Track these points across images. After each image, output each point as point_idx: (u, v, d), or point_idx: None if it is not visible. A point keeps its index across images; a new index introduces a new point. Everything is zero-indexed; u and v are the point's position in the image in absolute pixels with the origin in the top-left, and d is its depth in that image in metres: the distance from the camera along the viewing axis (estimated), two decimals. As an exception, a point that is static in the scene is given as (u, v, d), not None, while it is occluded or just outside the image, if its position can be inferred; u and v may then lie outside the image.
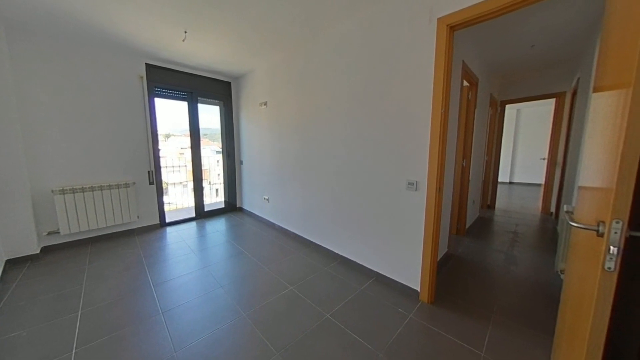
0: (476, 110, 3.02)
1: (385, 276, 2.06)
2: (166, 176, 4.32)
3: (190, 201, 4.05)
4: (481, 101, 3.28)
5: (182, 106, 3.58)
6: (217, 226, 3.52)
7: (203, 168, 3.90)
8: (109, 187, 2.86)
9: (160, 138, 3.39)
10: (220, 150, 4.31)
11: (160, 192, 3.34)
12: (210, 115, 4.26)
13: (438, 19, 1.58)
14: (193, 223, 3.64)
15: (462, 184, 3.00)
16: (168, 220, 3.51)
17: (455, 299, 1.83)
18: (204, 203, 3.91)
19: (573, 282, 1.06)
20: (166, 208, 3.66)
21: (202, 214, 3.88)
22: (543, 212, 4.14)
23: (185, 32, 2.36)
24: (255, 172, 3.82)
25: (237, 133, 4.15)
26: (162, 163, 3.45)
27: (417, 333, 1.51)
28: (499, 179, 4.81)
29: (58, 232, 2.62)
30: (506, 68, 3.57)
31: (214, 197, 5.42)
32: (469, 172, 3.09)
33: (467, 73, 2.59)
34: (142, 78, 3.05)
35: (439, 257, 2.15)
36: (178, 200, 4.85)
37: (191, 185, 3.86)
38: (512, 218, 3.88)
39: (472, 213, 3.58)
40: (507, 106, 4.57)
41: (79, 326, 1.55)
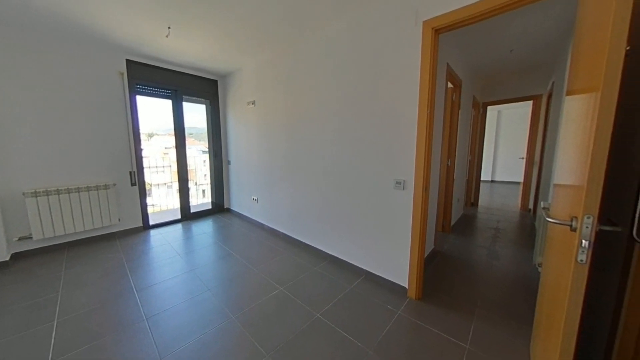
0: (460, 111, 3.13)
1: (374, 274, 2.09)
2: (149, 177, 4.16)
3: (175, 203, 3.93)
4: (464, 102, 3.40)
5: (166, 104, 3.46)
6: (204, 228, 3.43)
7: (189, 168, 3.79)
8: (87, 189, 2.72)
9: (142, 137, 3.26)
10: (206, 150, 4.20)
11: (143, 194, 3.22)
12: (196, 114, 4.15)
13: (423, 22, 1.61)
14: (178, 225, 3.53)
15: (447, 183, 3.09)
16: (152, 222, 3.39)
17: (441, 295, 1.88)
18: (190, 204, 3.80)
19: (549, 275, 1.12)
20: (150, 210, 3.52)
21: (188, 216, 3.77)
22: (522, 209, 4.35)
23: (168, 28, 2.28)
24: (243, 172, 3.75)
25: (225, 132, 4.07)
26: (145, 163, 3.32)
27: (406, 329, 1.55)
28: (482, 178, 5.00)
29: (30, 238, 2.46)
30: (488, 71, 3.72)
31: (201, 198, 5.28)
32: (454, 171, 3.19)
33: (451, 75, 2.67)
34: (123, 74, 2.92)
35: (426, 254, 2.21)
36: (162, 201, 4.69)
37: (176, 186, 3.74)
38: (494, 215, 4.05)
39: (457, 211, 3.70)
40: (489, 107, 4.76)
41: (55, 336, 1.47)
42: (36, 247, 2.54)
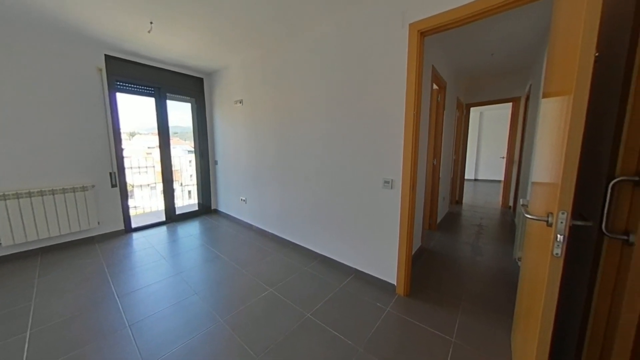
0: (445, 112, 3.22)
1: (363, 272, 2.12)
2: (131, 178, 4.00)
3: (159, 204, 3.79)
4: (449, 103, 3.50)
5: (149, 102, 3.33)
6: (191, 230, 3.34)
7: (174, 169, 3.67)
8: (63, 191, 2.57)
9: (123, 137, 3.12)
10: (192, 149, 4.09)
11: (124, 195, 3.08)
12: (180, 112, 4.02)
13: (410, 25, 1.65)
14: (163, 227, 3.41)
15: (434, 182, 3.18)
16: (134, 225, 3.25)
17: (428, 291, 1.94)
18: (175, 206, 3.68)
19: (528, 268, 1.18)
20: (132, 212, 3.38)
21: (174, 218, 3.65)
22: (503, 206, 4.54)
23: (151, 23, 2.20)
24: (231, 173, 3.68)
25: (211, 132, 3.97)
26: (127, 164, 3.19)
27: (395, 325, 1.58)
28: (466, 177, 5.19)
29: (-1, 244, 2.30)
30: (470, 73, 3.86)
31: (187, 200, 5.13)
32: (439, 171, 3.29)
33: (437, 77, 2.75)
34: (101, 70, 2.79)
35: (414, 252, 2.26)
36: (146, 203, 4.51)
37: (160, 187, 3.61)
38: (477, 212, 4.21)
39: (443, 209, 3.82)
40: (472, 109, 4.94)
41: (28, 348, 1.38)
42: (6, 254, 2.37)
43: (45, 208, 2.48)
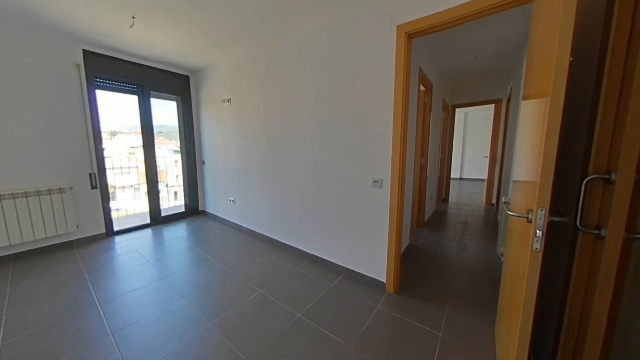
0: (431, 112, 3.30)
1: (354, 271, 2.14)
2: (113, 179, 3.84)
3: (144, 206, 3.65)
4: (435, 104, 3.60)
5: (132, 100, 3.20)
6: (177, 232, 3.24)
7: (159, 169, 3.55)
8: (37, 194, 2.42)
9: (104, 136, 2.99)
10: (178, 149, 3.97)
11: (105, 197, 2.95)
12: (165, 111, 3.89)
13: (397, 26, 1.68)
14: (148, 230, 3.29)
15: (421, 181, 3.25)
16: (117, 228, 3.12)
17: (417, 287, 1.98)
18: (161, 207, 3.57)
19: (510, 263, 1.23)
20: (114, 215, 3.25)
21: (159, 220, 3.53)
22: (487, 204, 4.72)
23: (133, 18, 2.11)
24: (219, 173, 3.61)
25: (198, 131, 3.87)
26: (108, 164, 3.05)
27: (385, 322, 1.60)
28: (451, 176, 5.34)
29: (-35, 251, 2.14)
30: (455, 75, 3.97)
31: (173, 201, 4.97)
32: (427, 170, 3.37)
33: (423, 78, 2.81)
34: (79, 66, 2.65)
35: (402, 249, 2.31)
36: (129, 205, 4.33)
37: (145, 188, 3.48)
38: (463, 210, 4.34)
39: (430, 207, 3.92)
40: (457, 110, 5.10)
41: (0, 361, 1.29)
42: (-27, 262, 2.21)
43: (17, 212, 2.33)
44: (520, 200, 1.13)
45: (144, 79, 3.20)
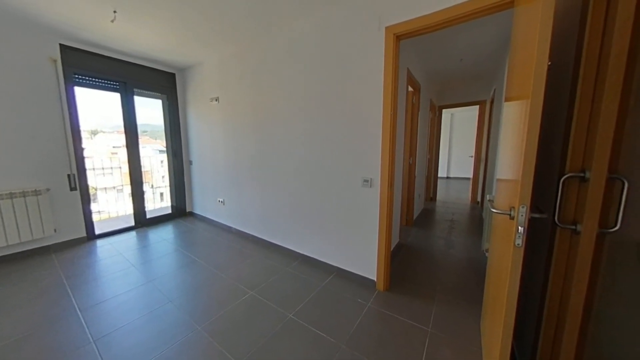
0: (419, 113, 3.37)
1: (345, 270, 2.15)
2: (94, 180, 3.67)
3: (127, 208, 3.52)
4: (423, 105, 3.68)
5: (114, 98, 3.08)
6: (163, 234, 3.15)
7: (143, 169, 3.44)
8: (10, 196, 2.28)
9: (84, 135, 2.85)
10: (164, 149, 3.85)
11: (86, 199, 2.82)
12: (150, 109, 3.77)
13: (386, 28, 1.70)
14: (132, 233, 3.18)
15: (410, 180, 3.32)
16: (98, 231, 2.99)
17: (406, 284, 2.02)
18: (146, 209, 3.45)
19: (495, 258, 1.28)
20: (96, 217, 3.11)
21: (144, 222, 3.41)
22: (472, 202, 4.88)
23: (114, 12, 2.03)
24: (207, 173, 3.53)
25: (185, 130, 3.77)
26: (88, 164, 2.92)
27: (375, 320, 1.62)
28: (439, 175, 5.48)
29: None
30: (442, 77, 4.08)
31: (158, 202, 4.82)
32: (415, 169, 3.44)
33: (411, 79, 2.87)
34: (56, 61, 2.52)
35: (392, 247, 2.34)
36: (111, 207, 4.17)
37: (128, 189, 3.36)
38: (450, 208, 4.47)
39: (418, 205, 4.00)
40: (444, 110, 5.23)
41: (-31, 376, 1.21)
42: (-63, 270, 2.06)
43: (-12, 215, 2.19)
44: (503, 198, 1.17)
45: (127, 76, 3.08)
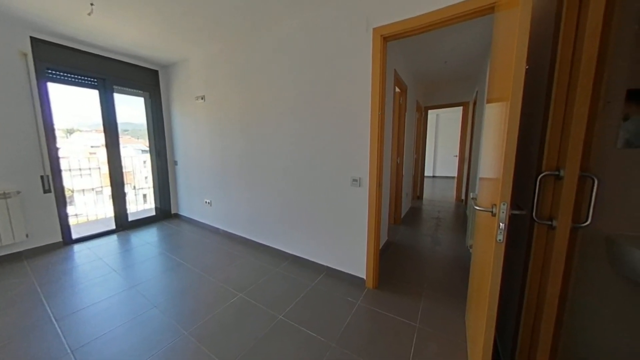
0: (406, 113, 3.45)
1: (334, 269, 2.16)
2: (71, 181, 3.48)
3: (108, 211, 3.36)
4: (410, 106, 3.76)
5: (92, 95, 2.93)
6: (147, 237, 3.03)
7: (125, 170, 3.29)
8: (-24, 199, 2.12)
9: (59, 134, 2.69)
10: (147, 149, 3.70)
11: (61, 202, 2.67)
12: (132, 107, 3.61)
13: (373, 29, 1.73)
14: (113, 236, 3.04)
15: (397, 179, 3.38)
16: (76, 236, 2.84)
17: (395, 281, 2.06)
18: (128, 212, 3.31)
19: (478, 254, 1.33)
20: (73, 221, 2.96)
21: (126, 225, 3.27)
22: (457, 200, 5.04)
23: (91, 5, 1.93)
24: (193, 174, 3.44)
25: (169, 129, 3.65)
26: (64, 165, 2.77)
27: (365, 318, 1.64)
28: (425, 174, 5.62)
29: None
30: (428, 78, 4.19)
31: (141, 204, 4.63)
32: (403, 168, 3.51)
33: (398, 80, 2.92)
34: (26, 55, 2.36)
35: (381, 246, 2.38)
36: (90, 210, 3.96)
37: (108, 191, 3.21)
38: (436, 206, 4.60)
39: (406, 204, 4.09)
40: (429, 111, 5.37)
41: None
42: None
43: (-51, 221, 2.02)
44: (485, 195, 1.22)
45: (106, 72, 2.94)
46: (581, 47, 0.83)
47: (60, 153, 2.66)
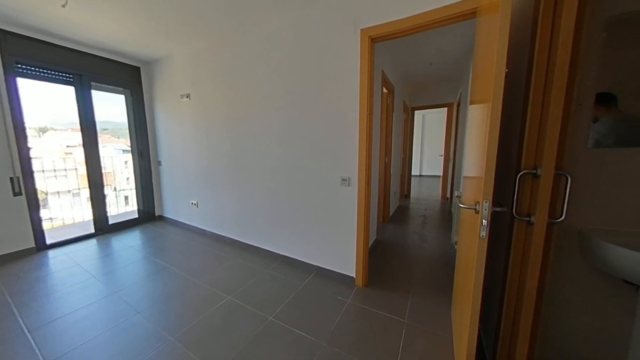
0: (394, 114, 3.51)
1: (324, 269, 2.17)
2: (44, 183, 3.28)
3: (86, 214, 3.19)
4: (397, 106, 3.83)
5: (68, 92, 2.77)
6: (129, 241, 2.91)
7: (104, 171, 3.14)
8: None
9: (30, 133, 2.53)
10: (128, 148, 3.55)
11: (34, 205, 2.51)
12: (111, 105, 3.45)
13: (361, 30, 1.74)
14: (92, 241, 2.89)
15: (386, 178, 3.43)
16: (50, 241, 2.68)
17: (384, 279, 2.09)
18: (108, 214, 3.16)
19: (462, 250, 1.38)
20: (47, 225, 2.80)
21: (106, 228, 3.12)
22: (442, 198, 5.19)
23: (66, -4, 1.82)
24: (178, 174, 3.33)
25: (152, 128, 3.52)
26: (37, 166, 2.60)
27: (355, 316, 1.66)
28: (412, 173, 5.75)
29: None
30: (414, 80, 4.28)
31: (123, 207, 4.44)
32: (391, 168, 3.57)
33: (386, 81, 2.97)
34: (-7, 49, 2.20)
35: (370, 244, 2.41)
36: (66, 213, 3.75)
37: (86, 193, 3.05)
38: (422, 204, 4.71)
39: (394, 203, 4.16)
40: (416, 112, 5.50)
41: None
42: None
43: None
44: (469, 193, 1.26)
45: (83, 68, 2.79)
46: (555, 52, 0.88)
47: (32, 153, 2.49)
